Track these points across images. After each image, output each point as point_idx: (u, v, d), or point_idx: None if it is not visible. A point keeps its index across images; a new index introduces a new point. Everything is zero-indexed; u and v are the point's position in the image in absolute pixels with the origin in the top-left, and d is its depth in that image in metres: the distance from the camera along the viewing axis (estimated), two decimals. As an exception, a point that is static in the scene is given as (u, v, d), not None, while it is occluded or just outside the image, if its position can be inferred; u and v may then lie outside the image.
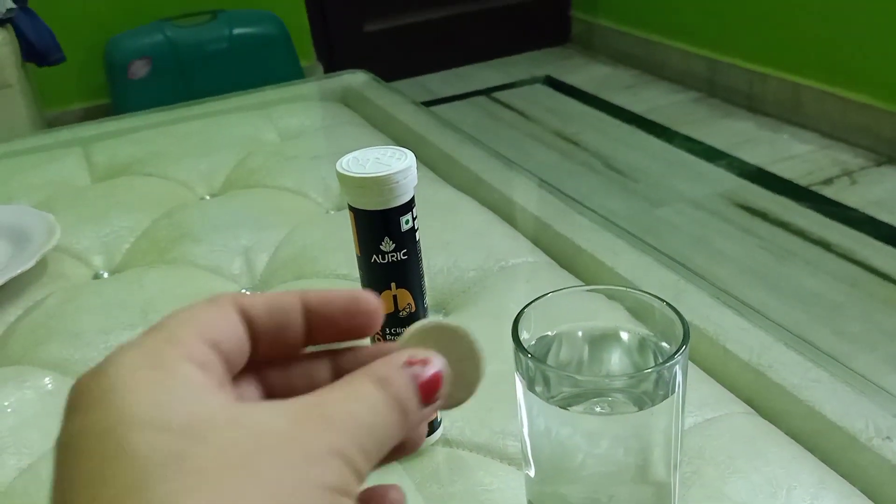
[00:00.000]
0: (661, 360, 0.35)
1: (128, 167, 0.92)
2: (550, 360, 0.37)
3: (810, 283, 1.43)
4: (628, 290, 0.38)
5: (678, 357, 0.34)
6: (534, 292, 0.38)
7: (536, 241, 0.71)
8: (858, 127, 1.87)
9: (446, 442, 0.48)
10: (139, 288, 0.67)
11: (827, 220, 1.61)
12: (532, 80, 2.49)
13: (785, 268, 1.49)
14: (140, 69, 2.03)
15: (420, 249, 0.43)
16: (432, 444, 0.48)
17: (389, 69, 2.07)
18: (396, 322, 0.43)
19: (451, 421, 0.49)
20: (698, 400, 0.50)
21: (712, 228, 1.63)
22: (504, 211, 0.77)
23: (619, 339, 0.38)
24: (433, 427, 0.47)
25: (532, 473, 0.38)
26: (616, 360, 0.38)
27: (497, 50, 2.66)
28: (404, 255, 0.42)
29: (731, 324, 0.57)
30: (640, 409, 0.34)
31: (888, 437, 0.45)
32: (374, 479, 0.23)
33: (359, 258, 0.43)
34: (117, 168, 0.92)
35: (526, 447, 0.38)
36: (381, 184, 0.40)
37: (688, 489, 0.43)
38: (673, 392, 0.34)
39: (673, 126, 2.10)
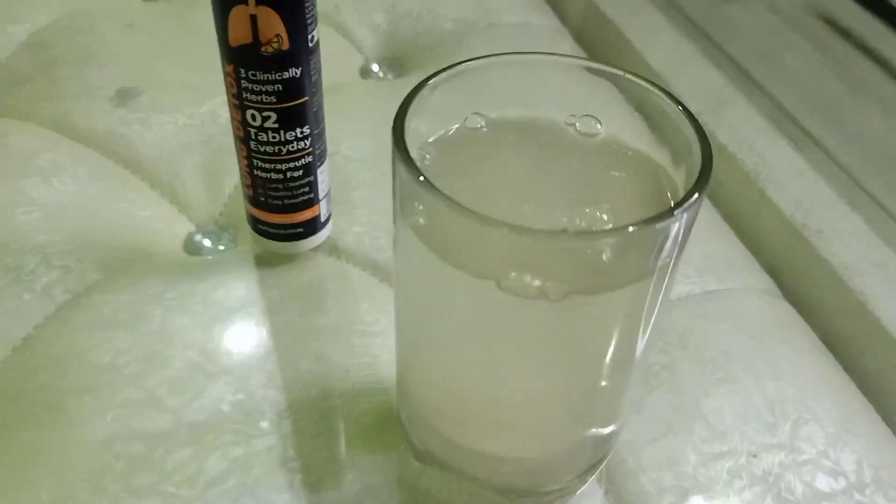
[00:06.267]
0: (650, 213, 0.19)
1: None
2: (456, 181, 0.21)
3: (878, 126, 1.23)
4: (616, 70, 0.21)
5: (684, 209, 0.18)
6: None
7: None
8: None
9: (333, 249, 0.34)
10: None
11: (920, 55, 1.37)
12: None
13: (855, 101, 1.27)
14: None
15: (308, -55, 0.26)
16: (312, 249, 0.33)
17: None
18: (256, 63, 0.27)
19: (349, 222, 0.34)
20: (702, 259, 0.35)
21: (783, 39, 1.39)
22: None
23: (578, 150, 0.22)
24: (315, 227, 0.32)
25: (399, 338, 0.24)
26: (563, 190, 0.22)
27: None
28: (271, -54, 0.24)
29: (781, 160, 0.40)
30: (588, 293, 0.19)
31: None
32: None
33: (201, -60, 0.26)
34: None
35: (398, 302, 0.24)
36: None
37: (651, 391, 0.29)
38: (655, 271, 0.19)
39: None
